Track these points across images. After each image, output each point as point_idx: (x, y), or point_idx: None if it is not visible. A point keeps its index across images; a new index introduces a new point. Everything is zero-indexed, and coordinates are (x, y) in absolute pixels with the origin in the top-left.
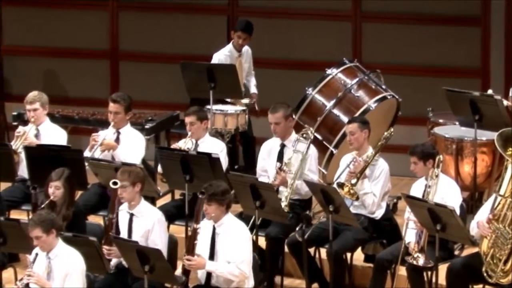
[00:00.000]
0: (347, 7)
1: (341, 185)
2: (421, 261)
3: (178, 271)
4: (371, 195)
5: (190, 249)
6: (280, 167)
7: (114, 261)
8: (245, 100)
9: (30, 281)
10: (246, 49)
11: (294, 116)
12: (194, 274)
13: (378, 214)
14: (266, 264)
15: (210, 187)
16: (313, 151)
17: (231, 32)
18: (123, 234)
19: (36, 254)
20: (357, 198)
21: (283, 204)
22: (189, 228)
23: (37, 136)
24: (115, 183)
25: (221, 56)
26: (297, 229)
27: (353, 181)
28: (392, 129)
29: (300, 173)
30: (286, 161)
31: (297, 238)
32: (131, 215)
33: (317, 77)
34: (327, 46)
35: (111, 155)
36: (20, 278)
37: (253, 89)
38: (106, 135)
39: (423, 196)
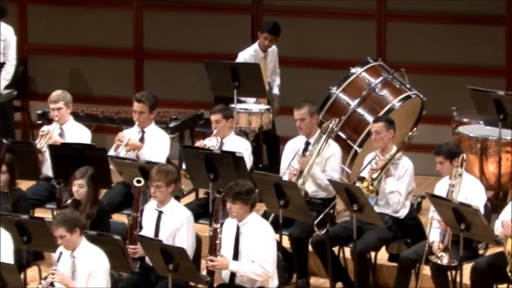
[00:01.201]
0: (371, 6)
1: (361, 179)
2: (445, 260)
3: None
4: (397, 193)
5: (212, 249)
6: (303, 153)
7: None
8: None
9: (55, 279)
10: (273, 48)
11: (321, 117)
12: (218, 273)
13: (402, 213)
14: (292, 265)
15: (235, 186)
16: (337, 149)
17: (258, 33)
18: (150, 231)
19: (61, 253)
20: (377, 194)
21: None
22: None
23: (61, 135)
24: (138, 181)
25: (246, 56)
26: (315, 223)
27: (374, 175)
28: (415, 129)
29: (321, 161)
30: (310, 148)
31: (317, 232)
32: (160, 212)
33: (341, 76)
34: (351, 45)
35: (135, 154)
36: (44, 277)
37: (276, 90)
38: (131, 134)
39: (447, 195)
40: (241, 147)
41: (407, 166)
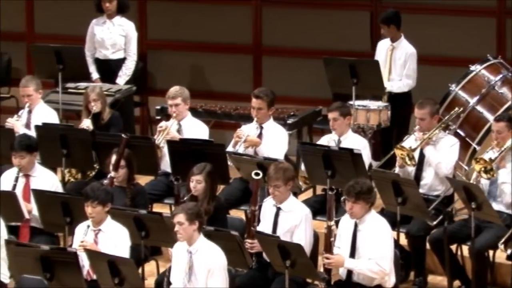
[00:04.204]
0: (492, 4)
1: (478, 161)
2: None
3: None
4: (509, 185)
5: (327, 247)
6: None
7: None
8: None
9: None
10: (407, 48)
11: (439, 114)
12: (336, 270)
13: None
14: (410, 263)
15: (356, 185)
16: (457, 142)
17: None
18: (268, 227)
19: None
20: (489, 177)
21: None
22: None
23: (179, 130)
24: (257, 174)
25: (380, 45)
26: (431, 222)
27: (493, 155)
28: None
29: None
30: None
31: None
32: (278, 209)
33: (460, 73)
34: (471, 42)
35: (254, 150)
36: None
37: (391, 85)
38: (249, 130)
39: None
40: (359, 145)
41: None
